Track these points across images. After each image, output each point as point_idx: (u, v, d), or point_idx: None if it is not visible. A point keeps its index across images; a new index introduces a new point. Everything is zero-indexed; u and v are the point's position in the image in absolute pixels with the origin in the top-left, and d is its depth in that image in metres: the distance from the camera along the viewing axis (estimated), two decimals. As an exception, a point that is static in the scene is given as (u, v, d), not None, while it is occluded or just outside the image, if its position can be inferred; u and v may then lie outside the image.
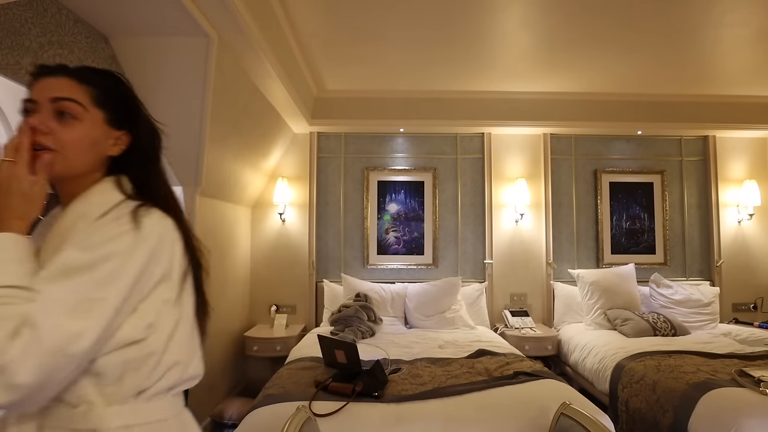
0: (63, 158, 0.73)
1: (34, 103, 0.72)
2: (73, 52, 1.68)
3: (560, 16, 2.37)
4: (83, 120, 0.74)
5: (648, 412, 2.18)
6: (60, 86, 0.73)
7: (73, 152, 0.73)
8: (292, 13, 2.35)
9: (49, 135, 0.71)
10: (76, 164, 0.75)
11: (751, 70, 3.09)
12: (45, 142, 0.71)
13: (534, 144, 3.80)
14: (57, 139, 0.72)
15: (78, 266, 0.65)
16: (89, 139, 0.75)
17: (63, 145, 0.72)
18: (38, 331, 0.59)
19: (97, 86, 0.77)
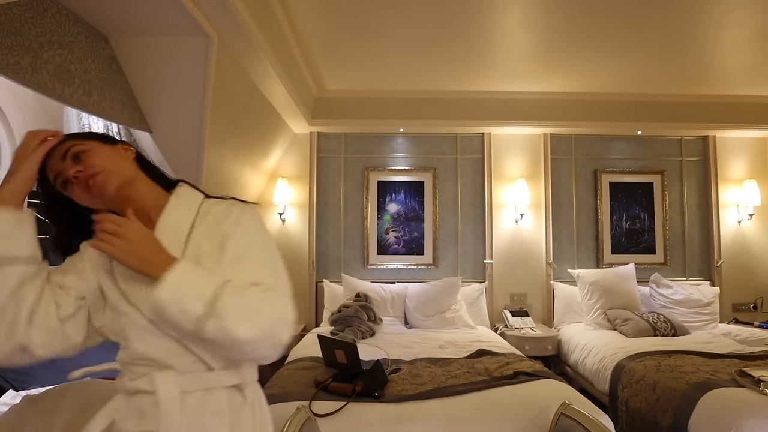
0: (108, 172, 0.86)
1: (60, 175, 0.86)
2: (73, 52, 1.68)
3: (560, 16, 2.37)
4: (90, 149, 0.87)
5: (648, 412, 2.18)
6: (56, 152, 0.86)
7: (111, 164, 0.87)
8: (292, 13, 2.35)
9: (86, 170, 0.84)
10: (122, 172, 0.88)
11: (751, 70, 3.09)
12: (89, 172, 0.84)
13: (534, 144, 3.80)
14: (93, 164, 0.85)
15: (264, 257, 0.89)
16: (107, 153, 0.88)
17: (97, 165, 0.85)
18: (289, 311, 0.84)
19: (69, 138, 0.90)
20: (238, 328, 0.76)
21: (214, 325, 0.76)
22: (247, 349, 0.79)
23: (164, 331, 0.82)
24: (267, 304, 0.80)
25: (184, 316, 0.76)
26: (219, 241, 0.87)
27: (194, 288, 0.77)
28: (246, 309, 0.78)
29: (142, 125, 2.11)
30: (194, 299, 0.76)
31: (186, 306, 0.76)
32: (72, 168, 0.84)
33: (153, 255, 0.80)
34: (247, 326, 0.77)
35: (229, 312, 0.76)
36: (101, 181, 0.84)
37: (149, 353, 0.83)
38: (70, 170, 0.84)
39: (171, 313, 0.76)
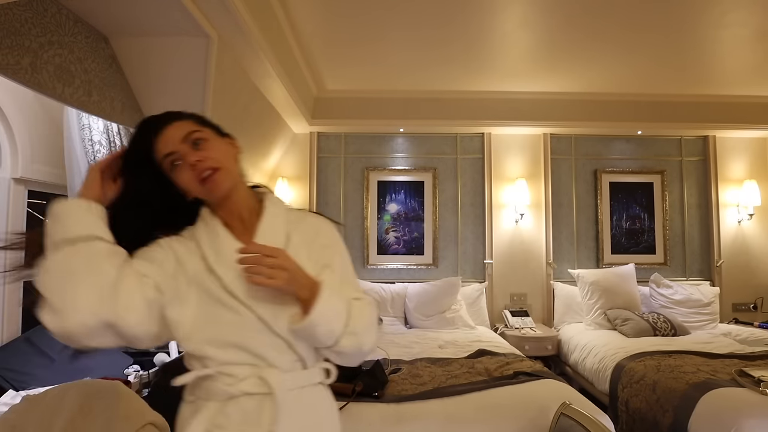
0: (226, 171, 0.85)
1: (173, 154, 0.83)
2: (73, 52, 1.68)
3: (560, 16, 2.37)
4: (209, 138, 0.86)
5: (648, 412, 2.18)
6: (177, 129, 0.84)
7: (227, 162, 0.86)
8: (293, 13, 2.35)
9: (206, 161, 0.82)
10: (234, 170, 0.88)
11: (750, 70, 3.09)
12: (210, 164, 0.82)
13: (534, 144, 3.80)
14: (214, 159, 0.83)
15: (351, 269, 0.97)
16: (223, 148, 0.88)
17: (218, 160, 0.84)
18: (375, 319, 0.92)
19: (190, 117, 0.89)
20: (367, 342, 0.87)
21: (348, 341, 0.83)
22: (364, 357, 0.90)
23: (274, 331, 0.82)
24: (373, 316, 0.90)
25: (329, 334, 0.82)
26: (318, 253, 0.91)
27: (337, 308, 0.83)
28: (367, 324, 0.87)
29: (142, 125, 2.10)
30: (338, 319, 0.82)
31: (332, 326, 0.81)
32: (192, 154, 0.82)
33: (305, 279, 0.82)
34: (370, 339, 0.88)
35: (359, 329, 0.84)
36: (219, 179, 0.83)
37: (261, 352, 0.81)
38: (191, 156, 0.82)
39: (319, 332, 0.81)
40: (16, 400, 1.45)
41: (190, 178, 0.83)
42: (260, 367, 0.81)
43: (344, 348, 0.83)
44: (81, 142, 2.04)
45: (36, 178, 1.98)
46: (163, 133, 0.84)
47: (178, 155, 0.83)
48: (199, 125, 0.87)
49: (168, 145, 0.83)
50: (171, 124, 0.84)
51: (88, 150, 2.03)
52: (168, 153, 0.83)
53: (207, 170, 0.82)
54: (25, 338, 1.81)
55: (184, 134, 0.83)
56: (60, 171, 2.09)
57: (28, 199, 1.97)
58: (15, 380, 1.64)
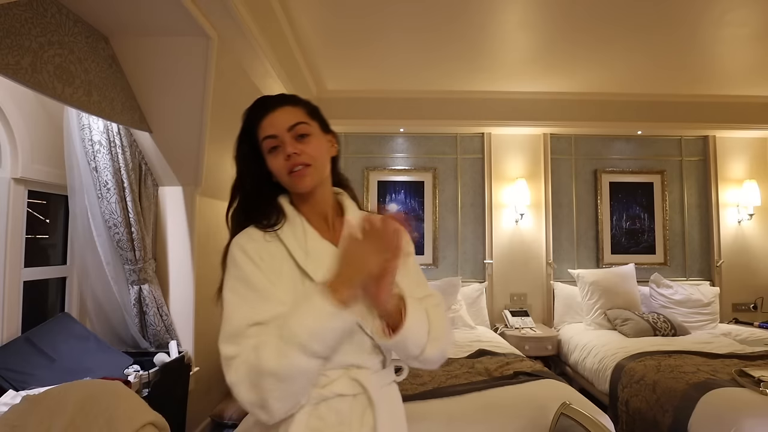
0: (315, 168, 0.85)
1: (275, 138, 0.84)
2: (73, 52, 1.68)
3: (560, 17, 2.37)
4: (313, 134, 0.86)
5: (648, 412, 2.18)
6: (288, 116, 0.85)
7: (320, 160, 0.86)
8: (293, 13, 2.35)
9: (301, 156, 0.83)
10: (323, 170, 0.88)
11: (750, 70, 3.09)
12: (303, 160, 0.83)
13: (534, 144, 3.80)
14: (311, 155, 0.84)
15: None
16: (322, 146, 0.88)
17: (313, 157, 0.84)
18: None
19: (303, 104, 0.89)
20: (448, 346, 0.85)
21: (433, 348, 0.82)
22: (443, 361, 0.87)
23: (366, 332, 0.81)
24: (446, 316, 0.89)
25: (417, 344, 0.80)
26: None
27: (421, 317, 0.81)
28: (446, 326, 0.86)
29: (142, 125, 2.10)
30: (422, 328, 0.81)
31: (420, 336, 0.80)
32: (292, 145, 0.83)
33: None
34: (450, 341, 0.86)
35: (440, 334, 0.83)
36: (306, 174, 0.83)
37: (352, 353, 0.80)
38: (289, 147, 0.82)
39: (410, 344, 0.79)
40: (16, 400, 1.45)
41: (281, 166, 0.83)
42: (350, 369, 0.80)
43: (430, 356, 0.82)
44: (81, 142, 2.03)
45: (36, 178, 1.98)
46: (272, 114, 0.85)
47: (279, 141, 0.84)
48: (309, 117, 0.87)
49: (273, 127, 0.84)
50: (282, 108, 0.86)
51: (88, 150, 2.03)
52: (270, 135, 0.84)
53: (299, 165, 0.82)
54: (25, 338, 1.81)
55: (292, 123, 0.84)
56: (60, 171, 2.09)
57: (28, 199, 1.97)
58: (15, 380, 1.64)
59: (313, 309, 0.71)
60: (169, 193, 2.42)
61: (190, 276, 2.43)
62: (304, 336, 0.70)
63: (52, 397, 1.23)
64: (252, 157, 0.88)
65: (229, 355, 0.73)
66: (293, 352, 0.69)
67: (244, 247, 0.81)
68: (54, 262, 2.23)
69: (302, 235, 0.84)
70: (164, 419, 1.32)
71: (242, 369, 0.71)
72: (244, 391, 0.71)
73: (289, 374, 0.69)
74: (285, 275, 0.80)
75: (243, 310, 0.75)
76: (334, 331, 0.72)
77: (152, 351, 2.17)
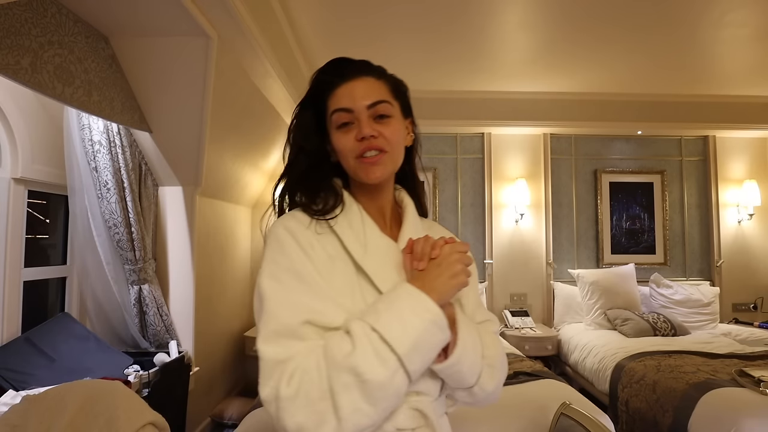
0: (390, 157, 0.72)
1: (349, 112, 0.71)
2: (73, 52, 1.68)
3: (560, 17, 2.37)
4: (395, 116, 0.74)
5: (648, 412, 2.18)
6: (369, 89, 0.72)
7: (396, 148, 0.73)
8: (293, 13, 2.35)
9: (378, 141, 0.70)
10: (398, 160, 0.75)
11: (750, 70, 3.09)
12: (380, 144, 0.70)
13: (534, 144, 3.80)
14: (389, 141, 0.71)
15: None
16: (401, 132, 0.74)
17: (391, 144, 0.71)
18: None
19: (388, 78, 0.76)
20: (503, 375, 0.74)
21: (488, 375, 0.70)
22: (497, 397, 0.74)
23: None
24: (501, 343, 0.76)
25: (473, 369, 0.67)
26: None
27: (474, 339, 0.68)
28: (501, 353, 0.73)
29: (142, 125, 2.11)
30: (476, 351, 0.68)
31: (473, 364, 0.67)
32: (369, 126, 0.69)
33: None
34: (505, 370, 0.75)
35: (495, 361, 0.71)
36: (379, 162, 0.70)
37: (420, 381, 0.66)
38: (366, 128, 0.69)
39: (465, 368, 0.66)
40: (16, 400, 1.45)
41: (351, 147, 0.70)
42: (410, 395, 0.65)
43: (486, 385, 0.69)
44: (81, 142, 2.04)
45: (36, 178, 1.98)
46: (351, 84, 0.72)
47: (353, 116, 0.70)
48: (392, 96, 0.74)
49: (350, 99, 0.71)
50: (365, 79, 0.73)
51: (88, 150, 2.03)
52: (344, 108, 0.70)
53: (374, 149, 0.69)
54: (25, 338, 1.81)
55: (374, 101, 0.70)
56: (60, 171, 2.09)
57: (28, 199, 1.97)
58: (15, 380, 1.64)
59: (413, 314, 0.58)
60: (169, 193, 2.43)
61: (190, 276, 2.43)
62: (404, 346, 0.56)
63: (52, 397, 1.23)
64: (314, 127, 0.75)
65: (277, 357, 0.57)
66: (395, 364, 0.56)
67: (292, 231, 0.67)
68: (54, 262, 2.23)
69: (360, 227, 0.71)
70: (164, 419, 1.32)
71: (299, 379, 0.55)
72: (296, 411, 0.54)
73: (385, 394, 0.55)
74: (338, 272, 0.67)
75: (292, 304, 0.61)
76: (434, 347, 0.61)
77: (152, 351, 2.17)
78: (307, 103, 0.76)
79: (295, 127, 0.76)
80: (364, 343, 0.56)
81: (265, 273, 0.64)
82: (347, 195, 0.75)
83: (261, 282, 0.63)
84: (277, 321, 0.59)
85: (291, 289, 0.62)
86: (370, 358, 0.55)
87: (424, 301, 0.59)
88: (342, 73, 0.73)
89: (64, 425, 1.15)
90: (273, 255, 0.65)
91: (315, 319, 0.60)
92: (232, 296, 3.19)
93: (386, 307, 0.59)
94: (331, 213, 0.71)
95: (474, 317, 0.75)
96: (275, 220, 0.72)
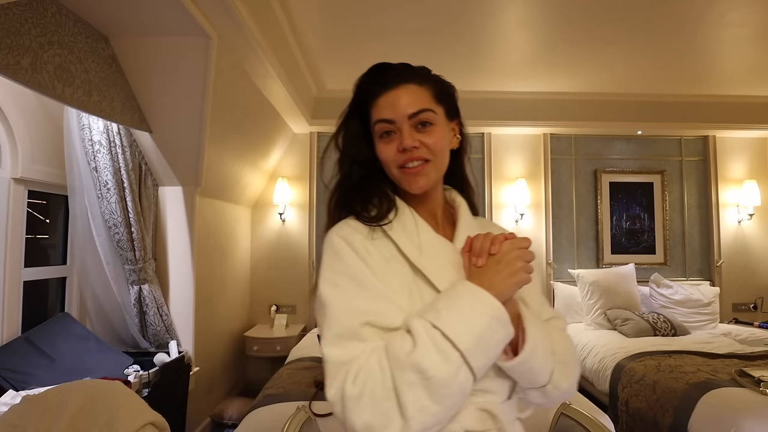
0: (434, 165, 0.72)
1: (391, 123, 0.71)
2: (73, 52, 1.68)
3: (560, 17, 2.37)
4: (437, 123, 0.73)
5: (648, 412, 2.18)
6: (410, 98, 0.71)
7: (440, 155, 0.73)
8: (293, 13, 2.35)
9: (420, 150, 0.70)
10: (443, 166, 0.75)
11: (750, 70, 3.09)
12: (422, 155, 0.71)
13: (534, 144, 3.80)
14: (431, 149, 0.71)
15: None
16: (444, 138, 0.74)
17: (433, 152, 0.71)
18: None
19: (431, 83, 0.75)
20: (577, 372, 0.72)
21: (561, 373, 0.68)
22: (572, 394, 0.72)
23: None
24: (572, 342, 0.74)
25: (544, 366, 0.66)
26: None
27: (542, 333, 0.67)
28: (572, 349, 0.72)
29: (142, 125, 2.11)
30: (546, 350, 0.66)
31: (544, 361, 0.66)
32: (410, 136, 0.70)
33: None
34: (578, 368, 0.72)
35: (567, 357, 0.70)
36: (421, 173, 0.71)
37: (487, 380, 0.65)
38: (408, 138, 0.69)
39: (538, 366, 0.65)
40: (16, 400, 1.45)
41: (393, 158, 0.71)
42: (476, 394, 0.64)
43: (560, 383, 0.67)
44: (81, 142, 2.04)
45: (36, 178, 1.98)
46: (392, 93, 0.72)
47: (395, 127, 0.71)
48: (435, 101, 0.73)
49: (391, 110, 0.71)
50: (406, 87, 0.72)
51: (88, 150, 2.03)
52: (385, 119, 0.71)
53: (415, 160, 0.70)
54: (25, 338, 1.81)
55: (415, 110, 0.70)
56: (60, 171, 2.09)
57: (28, 199, 1.97)
58: (15, 380, 1.64)
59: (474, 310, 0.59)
60: (169, 193, 2.43)
61: (190, 276, 2.43)
62: (467, 342, 0.57)
63: (52, 397, 1.23)
64: (361, 136, 0.76)
65: (340, 359, 0.59)
66: (458, 361, 0.56)
67: (348, 239, 0.68)
68: (54, 262, 2.23)
69: (414, 230, 0.71)
70: (164, 419, 1.32)
71: (364, 379, 0.56)
72: (362, 410, 0.55)
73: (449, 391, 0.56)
74: (395, 274, 0.67)
75: (351, 308, 0.62)
76: (498, 343, 0.60)
77: (152, 351, 2.18)
78: (353, 112, 0.77)
79: (344, 136, 0.77)
80: (425, 341, 0.56)
81: (324, 280, 0.66)
82: (399, 199, 0.76)
83: (321, 289, 0.65)
84: (338, 324, 0.61)
85: (349, 293, 0.63)
86: (433, 355, 0.55)
87: (485, 297, 0.60)
88: (383, 82, 0.73)
89: (64, 425, 1.15)
90: (330, 262, 0.67)
91: (374, 321, 0.61)
92: (232, 296, 3.19)
93: (446, 305, 0.60)
94: (385, 219, 0.72)
95: (540, 314, 0.74)
96: (331, 228, 0.72)
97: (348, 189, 0.76)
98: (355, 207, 0.73)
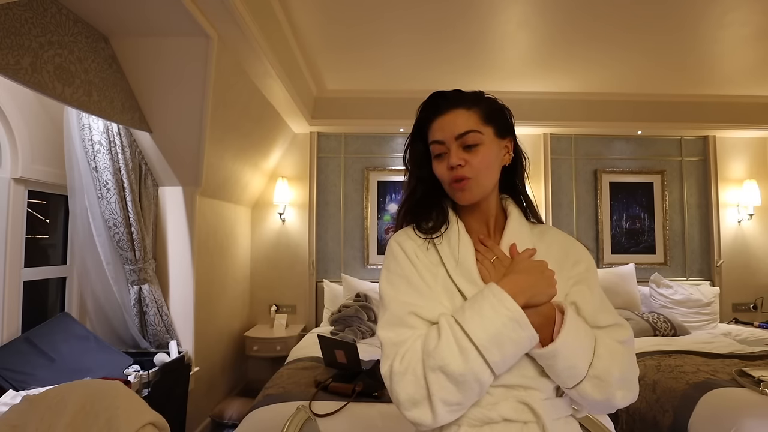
0: (476, 182, 0.80)
1: (442, 144, 0.81)
2: (73, 52, 1.68)
3: (560, 17, 2.37)
4: (484, 143, 0.81)
5: (648, 412, 2.18)
6: (458, 121, 0.80)
7: (483, 173, 0.81)
8: (293, 14, 2.35)
9: (464, 169, 0.79)
10: (487, 182, 0.83)
11: (751, 70, 3.09)
12: (465, 173, 0.79)
13: (534, 144, 3.80)
14: (471, 169, 0.79)
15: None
16: (491, 158, 0.82)
17: (476, 171, 0.80)
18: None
19: (480, 106, 0.84)
20: (618, 393, 0.74)
21: (591, 386, 0.72)
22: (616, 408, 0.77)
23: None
24: (630, 358, 0.78)
25: (571, 372, 0.71)
26: (570, 270, 0.81)
27: (583, 343, 0.72)
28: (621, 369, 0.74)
29: (142, 125, 2.11)
30: (583, 356, 0.71)
31: (575, 363, 0.71)
32: (457, 156, 0.79)
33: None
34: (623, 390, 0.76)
35: (607, 375, 0.72)
36: (465, 188, 0.80)
37: (519, 372, 0.73)
38: (454, 157, 0.79)
39: (560, 366, 0.71)
40: (16, 400, 1.45)
41: (444, 175, 0.82)
42: (515, 389, 0.73)
43: (586, 393, 0.72)
44: (81, 142, 2.04)
45: (36, 178, 1.98)
46: (443, 118, 0.82)
47: (445, 147, 0.81)
48: (483, 123, 0.82)
49: (441, 132, 0.81)
50: (455, 112, 0.81)
51: (88, 150, 2.03)
52: (437, 140, 0.81)
53: (460, 177, 0.79)
54: (25, 338, 1.81)
55: (461, 132, 0.79)
56: (60, 171, 2.09)
57: (28, 199, 1.97)
58: (15, 380, 1.64)
59: (492, 310, 0.68)
60: (169, 193, 2.43)
61: (190, 276, 2.43)
62: (482, 338, 0.66)
63: (52, 397, 1.23)
64: (424, 157, 0.86)
65: (393, 340, 0.72)
66: (473, 354, 0.66)
67: (402, 245, 0.82)
68: (54, 262, 2.23)
69: (456, 243, 0.82)
70: (164, 419, 1.32)
71: (409, 358, 0.69)
72: (406, 385, 0.68)
73: (464, 379, 0.66)
74: (439, 278, 0.79)
75: (402, 301, 0.75)
76: (516, 343, 0.68)
77: (152, 351, 2.18)
78: (415, 135, 0.88)
79: (410, 157, 0.89)
80: (448, 333, 0.68)
81: (383, 278, 0.81)
82: (452, 214, 0.86)
83: (381, 286, 0.81)
84: (391, 314, 0.75)
85: (401, 290, 0.77)
86: (452, 346, 0.67)
87: (505, 299, 0.69)
88: (436, 109, 0.84)
89: (65, 425, 1.15)
90: (388, 264, 0.82)
91: (418, 312, 0.74)
92: (232, 296, 3.19)
93: (470, 305, 0.71)
94: (437, 231, 0.83)
95: (596, 321, 0.78)
96: (393, 235, 0.86)
97: (413, 203, 0.87)
98: (416, 218, 0.86)
